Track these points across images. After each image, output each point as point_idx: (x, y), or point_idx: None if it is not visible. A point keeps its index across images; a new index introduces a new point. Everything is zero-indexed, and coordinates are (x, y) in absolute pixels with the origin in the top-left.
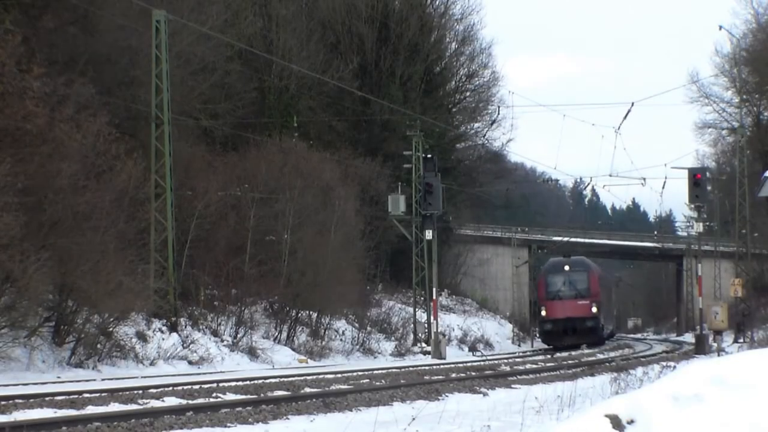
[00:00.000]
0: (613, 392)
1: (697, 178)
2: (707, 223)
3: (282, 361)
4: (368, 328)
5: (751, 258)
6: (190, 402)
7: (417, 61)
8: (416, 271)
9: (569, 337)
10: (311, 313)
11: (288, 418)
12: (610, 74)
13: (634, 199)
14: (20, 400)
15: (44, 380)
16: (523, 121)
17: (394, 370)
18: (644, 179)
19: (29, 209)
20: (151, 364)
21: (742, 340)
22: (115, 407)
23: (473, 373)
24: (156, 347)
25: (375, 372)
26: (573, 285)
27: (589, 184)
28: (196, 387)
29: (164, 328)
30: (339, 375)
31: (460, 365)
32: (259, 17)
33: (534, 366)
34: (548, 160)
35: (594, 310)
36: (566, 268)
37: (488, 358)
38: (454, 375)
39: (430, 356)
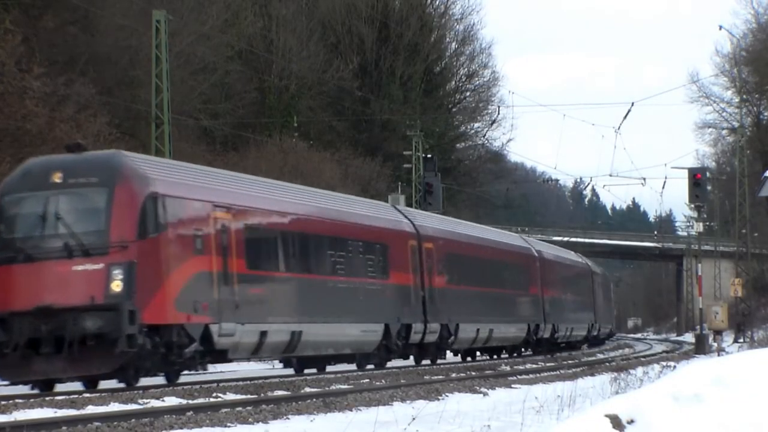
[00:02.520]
0: (613, 392)
1: (697, 178)
2: (707, 223)
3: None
4: None
5: (751, 258)
6: (190, 402)
7: (417, 61)
8: None
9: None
10: None
11: (288, 418)
12: (610, 74)
13: (634, 199)
14: (20, 400)
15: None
16: (523, 121)
17: (394, 370)
18: (644, 179)
19: None
20: None
21: (742, 340)
22: (115, 407)
23: (473, 373)
24: None
25: (375, 372)
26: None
27: (589, 184)
28: (196, 387)
29: None
30: (339, 375)
31: (460, 365)
32: (259, 17)
33: (534, 366)
34: (548, 160)
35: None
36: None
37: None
38: (454, 375)
39: None
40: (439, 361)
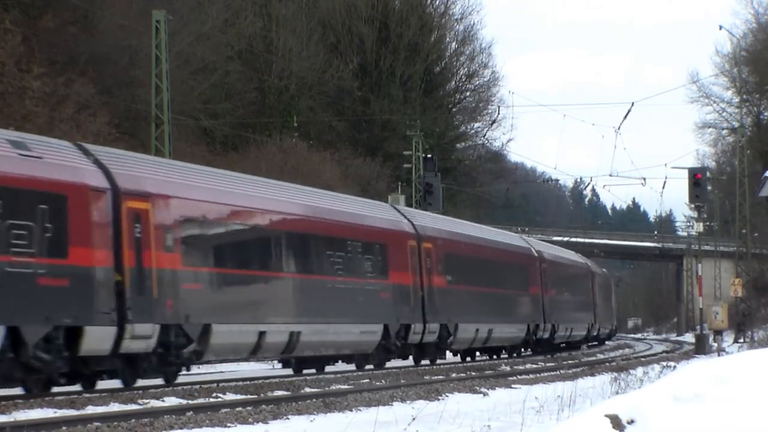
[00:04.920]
0: (613, 392)
1: (697, 178)
2: (707, 223)
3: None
4: None
5: (751, 258)
6: (190, 402)
7: (417, 61)
8: None
9: None
10: None
11: (288, 418)
12: (610, 74)
13: (634, 199)
14: (20, 400)
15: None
16: (523, 121)
17: (394, 370)
18: (644, 179)
19: None
20: None
21: (742, 340)
22: (115, 407)
23: (473, 373)
24: None
25: (375, 372)
26: None
27: (589, 184)
28: (196, 387)
29: None
30: (339, 375)
31: (460, 365)
32: (259, 17)
33: (534, 366)
34: (548, 160)
35: None
36: None
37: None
38: (454, 375)
39: None
40: (439, 361)
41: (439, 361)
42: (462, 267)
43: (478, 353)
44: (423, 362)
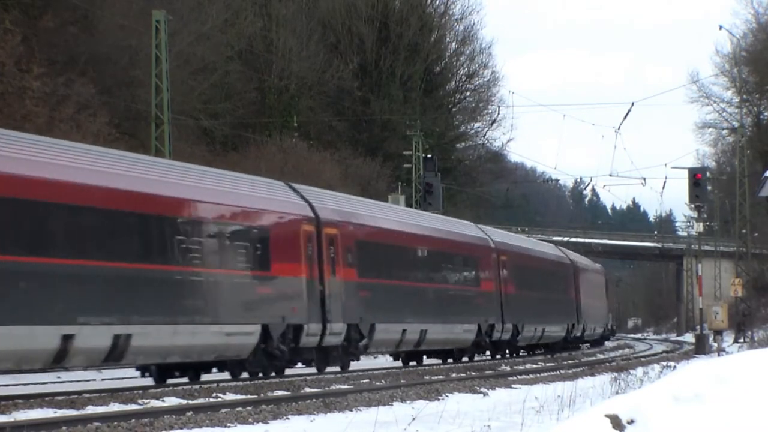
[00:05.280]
0: (613, 392)
1: (697, 178)
2: (707, 223)
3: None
4: None
5: (751, 258)
6: (190, 402)
7: (417, 61)
8: None
9: None
10: None
11: (288, 418)
12: (610, 74)
13: (634, 199)
14: (20, 400)
15: (44, 380)
16: (523, 121)
17: (394, 370)
18: (644, 179)
19: None
20: None
21: (742, 340)
22: (115, 407)
23: (473, 373)
24: None
25: (375, 372)
26: None
27: (589, 184)
28: (196, 387)
29: None
30: (339, 375)
31: (460, 365)
32: (259, 17)
33: (534, 366)
34: (548, 160)
35: None
36: None
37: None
38: (454, 375)
39: None
40: (436, 361)
41: (431, 362)
42: (382, 257)
43: (424, 357)
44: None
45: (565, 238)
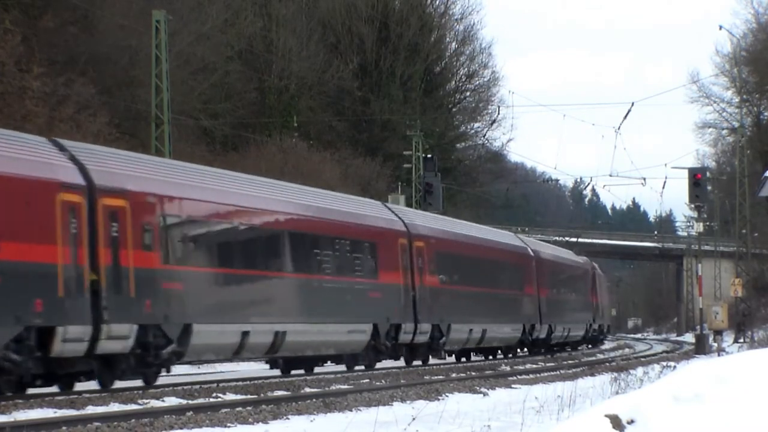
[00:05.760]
0: (613, 392)
1: (697, 178)
2: (707, 223)
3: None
4: None
5: (751, 258)
6: (190, 402)
7: (417, 61)
8: None
9: None
10: None
11: (288, 418)
12: (610, 74)
13: (634, 199)
14: (20, 400)
15: None
16: (523, 121)
17: (394, 370)
18: (644, 179)
19: None
20: None
21: (742, 340)
22: (115, 407)
23: (473, 373)
24: None
25: (375, 372)
26: None
27: (589, 184)
28: (196, 387)
29: None
30: (339, 375)
31: (460, 365)
32: (259, 17)
33: (534, 366)
34: (548, 160)
35: None
36: None
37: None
38: (454, 375)
39: None
40: (439, 361)
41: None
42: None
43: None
44: (415, 363)
45: (565, 238)
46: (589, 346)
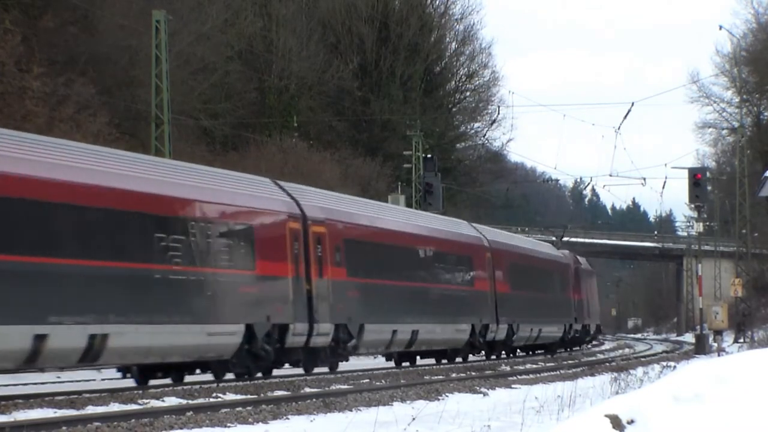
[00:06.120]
0: (613, 392)
1: (697, 178)
2: (707, 223)
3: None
4: None
5: (751, 258)
6: (190, 402)
7: (417, 61)
8: None
9: None
10: None
11: (288, 418)
12: (610, 74)
13: (634, 199)
14: (20, 400)
15: (44, 380)
16: (523, 121)
17: (394, 370)
18: (644, 179)
19: None
20: None
21: (742, 340)
22: (115, 407)
23: (473, 373)
24: None
25: (375, 372)
26: None
27: (589, 184)
28: (196, 387)
29: None
30: (339, 375)
31: (460, 365)
32: (259, 17)
33: (534, 366)
34: (548, 160)
35: None
36: None
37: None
38: (454, 375)
39: None
40: (430, 362)
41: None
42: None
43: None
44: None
45: (565, 238)
46: (575, 348)
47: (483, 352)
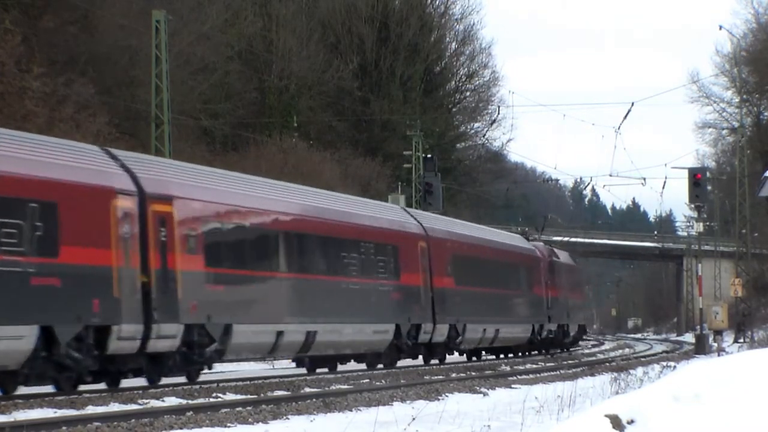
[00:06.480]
0: (613, 392)
1: (697, 178)
2: (707, 223)
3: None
4: None
5: (751, 258)
6: (190, 402)
7: (417, 61)
8: None
9: None
10: None
11: (288, 418)
12: (610, 74)
13: (634, 199)
14: (20, 400)
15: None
16: (523, 121)
17: (394, 370)
18: (644, 179)
19: None
20: None
21: (742, 340)
22: (115, 407)
23: (473, 373)
24: None
25: (375, 372)
26: None
27: (589, 184)
28: (196, 387)
29: None
30: (339, 375)
31: (460, 365)
32: (259, 17)
33: (534, 366)
34: (548, 160)
35: None
36: None
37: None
38: (454, 375)
39: None
40: (433, 362)
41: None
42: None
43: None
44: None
45: (565, 238)
46: (555, 351)
47: (421, 355)
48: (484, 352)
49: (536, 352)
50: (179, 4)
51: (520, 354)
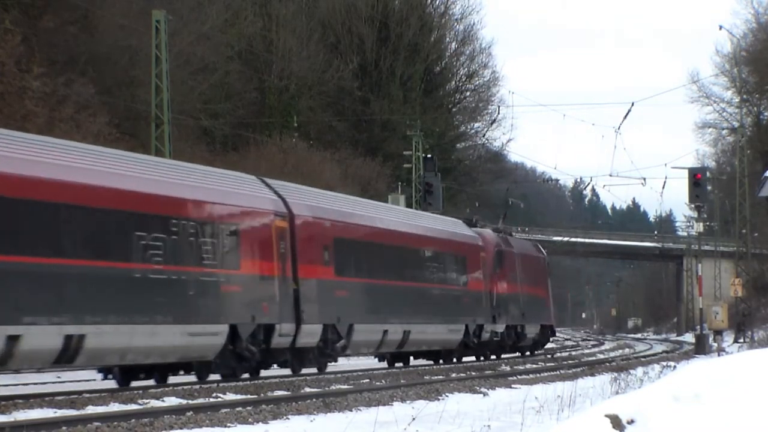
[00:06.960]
0: (613, 392)
1: (697, 178)
2: (707, 223)
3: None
4: None
5: (751, 258)
6: (190, 402)
7: (417, 61)
8: None
9: None
10: None
11: (288, 418)
12: (610, 74)
13: (634, 199)
14: (20, 400)
15: (44, 380)
16: (523, 121)
17: (394, 370)
18: (644, 179)
19: None
20: None
21: (742, 340)
22: (115, 407)
23: (473, 373)
24: None
25: (375, 372)
26: None
27: (589, 184)
28: (196, 387)
29: None
30: (339, 375)
31: (460, 365)
32: (259, 17)
33: (534, 366)
34: (548, 160)
35: None
36: None
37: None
38: (454, 375)
39: None
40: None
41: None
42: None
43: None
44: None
45: (565, 238)
46: (501, 357)
47: (283, 363)
48: (412, 357)
49: (473, 358)
50: (179, 4)
51: (454, 360)
